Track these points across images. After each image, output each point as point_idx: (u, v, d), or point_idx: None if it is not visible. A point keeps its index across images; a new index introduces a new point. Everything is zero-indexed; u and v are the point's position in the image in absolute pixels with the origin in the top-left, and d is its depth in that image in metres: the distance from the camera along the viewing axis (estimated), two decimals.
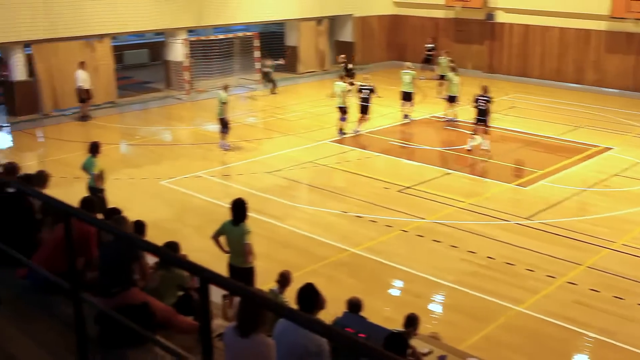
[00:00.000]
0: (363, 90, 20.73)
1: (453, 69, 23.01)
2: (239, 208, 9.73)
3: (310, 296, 6.47)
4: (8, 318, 5.86)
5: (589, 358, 10.05)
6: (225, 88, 18.97)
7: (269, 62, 27.45)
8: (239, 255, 9.86)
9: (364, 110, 20.74)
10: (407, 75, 22.58)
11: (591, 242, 13.48)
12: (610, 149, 19.94)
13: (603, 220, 14.64)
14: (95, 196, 11.56)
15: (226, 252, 10.04)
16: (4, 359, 5.32)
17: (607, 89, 28.21)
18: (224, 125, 18.87)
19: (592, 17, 28.16)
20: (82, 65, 22.38)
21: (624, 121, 23.38)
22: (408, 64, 23.89)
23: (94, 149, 13.07)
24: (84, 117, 22.67)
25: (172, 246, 8.47)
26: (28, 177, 8.45)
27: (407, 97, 22.74)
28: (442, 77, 25.60)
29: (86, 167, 13.08)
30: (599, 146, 20.14)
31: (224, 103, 18.68)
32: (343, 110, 20.47)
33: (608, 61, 28.39)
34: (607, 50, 28.38)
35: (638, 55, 27.61)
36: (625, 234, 13.85)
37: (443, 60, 26.13)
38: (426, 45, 31.42)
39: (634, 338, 10.23)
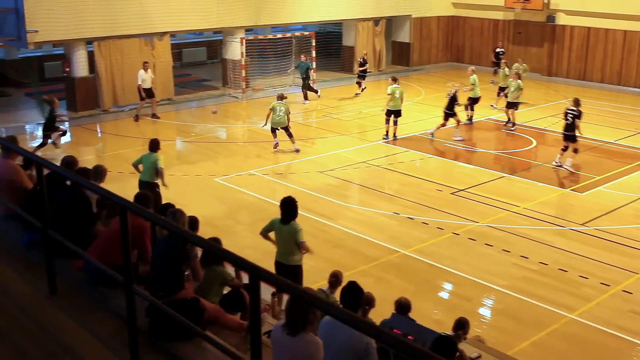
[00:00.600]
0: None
1: (518, 76, 22.28)
2: (289, 206, 9.70)
3: (354, 294, 6.51)
4: (63, 308, 6.02)
5: None
6: (281, 98, 18.87)
7: (303, 59, 25.96)
8: (287, 253, 9.86)
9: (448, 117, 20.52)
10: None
11: None
12: None
13: None
14: (152, 191, 11.77)
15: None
16: (59, 349, 5.47)
17: None
18: (288, 132, 18.91)
19: None
20: (144, 65, 22.69)
21: None
22: (472, 67, 23.46)
23: (154, 145, 13.24)
24: (137, 117, 22.87)
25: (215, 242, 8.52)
26: (86, 171, 8.63)
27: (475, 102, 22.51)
28: (502, 89, 25.14)
29: (146, 162, 13.16)
30: None
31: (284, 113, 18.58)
32: (398, 113, 20.25)
33: None
34: None
35: None
36: None
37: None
38: (496, 50, 29.97)
39: None
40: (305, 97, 25.75)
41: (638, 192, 16.43)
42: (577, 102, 17.93)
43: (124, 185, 14.44)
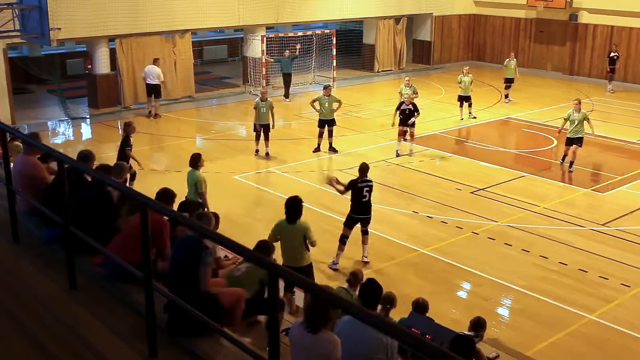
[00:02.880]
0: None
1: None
2: (294, 206, 9.58)
3: (373, 292, 6.52)
4: (83, 303, 6.07)
5: None
6: (326, 88, 18.81)
7: (287, 54, 25.59)
8: (296, 255, 9.69)
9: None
10: (467, 77, 22.25)
11: None
12: None
13: None
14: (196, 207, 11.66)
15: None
16: (79, 343, 5.53)
17: None
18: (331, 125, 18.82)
19: None
20: (155, 61, 22.73)
21: None
22: (467, 68, 23.29)
23: (194, 161, 12.38)
24: (150, 114, 22.87)
25: (266, 246, 8.51)
26: (107, 168, 8.70)
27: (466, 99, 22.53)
28: (509, 81, 25.12)
29: (189, 180, 12.40)
30: None
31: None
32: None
33: None
34: None
35: None
36: None
37: (511, 62, 25.39)
38: (610, 55, 28.27)
39: None
40: (286, 95, 25.80)
41: None
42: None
43: (142, 182, 14.55)
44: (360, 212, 12.32)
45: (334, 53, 27.89)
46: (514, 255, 12.93)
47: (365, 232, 12.52)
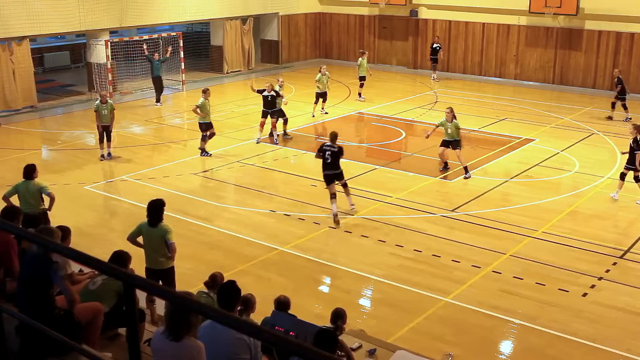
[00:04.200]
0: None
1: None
2: (155, 209, 9.64)
3: (230, 294, 6.52)
4: None
5: (513, 344, 10.33)
6: (205, 92, 18.76)
7: (157, 57, 25.23)
8: (157, 257, 9.75)
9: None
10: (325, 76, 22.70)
11: (514, 232, 13.85)
12: (532, 140, 20.51)
13: (525, 210, 15.05)
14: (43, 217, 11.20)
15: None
16: None
17: (527, 82, 29.04)
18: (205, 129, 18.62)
19: (512, 13, 28.91)
20: None
21: (544, 113, 24.07)
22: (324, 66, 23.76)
23: (30, 172, 11.65)
24: None
25: (122, 256, 8.25)
26: None
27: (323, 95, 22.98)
28: (362, 79, 25.72)
29: (25, 191, 11.57)
30: (520, 138, 20.70)
31: (199, 106, 18.41)
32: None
33: (528, 55, 29.18)
34: (527, 44, 29.16)
35: (556, 49, 28.45)
36: (545, 223, 14.28)
37: (363, 61, 26.01)
38: (433, 45, 30.16)
39: (555, 322, 10.57)
40: (158, 99, 25.46)
41: (503, 176, 17.22)
42: None
43: None
44: (328, 169, 14.36)
45: (182, 56, 27.51)
46: (370, 247, 13.27)
47: (344, 185, 14.65)
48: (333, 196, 14.32)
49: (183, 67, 27.77)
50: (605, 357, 9.79)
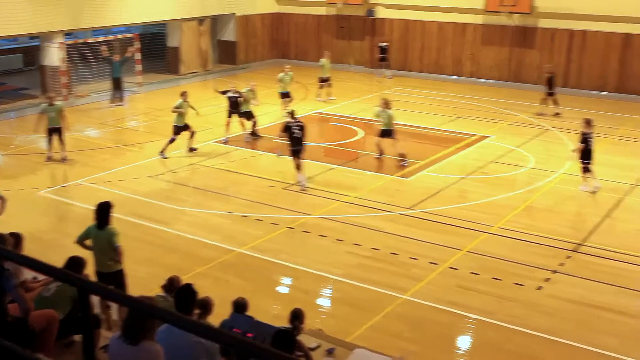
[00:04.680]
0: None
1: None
2: (103, 211, 9.60)
3: (185, 297, 6.47)
4: None
5: (471, 339, 10.41)
6: (183, 94, 18.72)
7: (117, 58, 25.18)
8: (106, 260, 9.69)
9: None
10: (287, 76, 22.72)
11: (470, 228, 13.98)
12: (487, 137, 20.72)
13: (481, 206, 15.19)
14: None
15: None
16: None
17: (483, 80, 29.34)
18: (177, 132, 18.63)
19: (468, 11, 29.18)
20: None
21: (500, 110, 24.35)
22: (288, 66, 23.77)
23: None
24: None
25: (77, 262, 8.14)
26: None
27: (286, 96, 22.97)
28: (323, 80, 25.72)
29: None
30: (476, 135, 20.90)
31: (178, 107, 18.54)
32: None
33: (484, 53, 29.48)
34: (482, 43, 29.46)
35: (511, 47, 28.80)
36: (501, 218, 14.43)
37: (326, 62, 26.01)
38: (380, 45, 30.68)
39: (512, 316, 10.68)
40: (119, 99, 25.29)
41: (459, 173, 17.37)
42: (590, 123, 16.24)
43: None
44: (296, 145, 16.08)
45: (139, 57, 27.22)
46: (328, 246, 13.27)
47: (301, 161, 16.21)
48: (298, 167, 16.13)
49: (139, 68, 27.46)
50: (561, 350, 9.92)
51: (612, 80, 26.92)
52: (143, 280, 11.42)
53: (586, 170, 16.04)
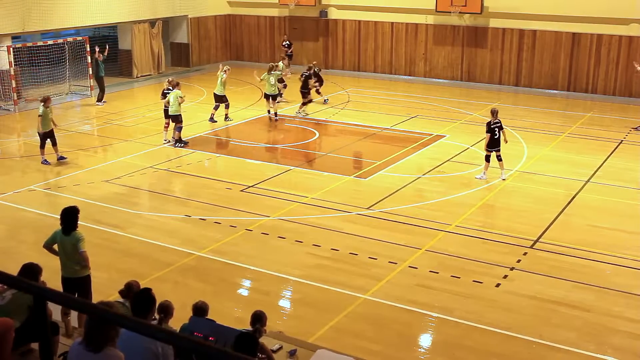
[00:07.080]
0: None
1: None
2: (69, 216, 9.48)
3: (142, 302, 6.43)
4: None
5: (431, 337, 10.50)
6: (45, 101, 18.12)
7: (101, 57, 25.23)
8: (73, 265, 9.59)
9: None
10: (272, 76, 22.63)
11: (428, 227, 14.09)
12: (443, 136, 20.92)
13: (438, 205, 15.34)
14: None
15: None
16: None
17: (436, 80, 29.65)
18: (43, 139, 18.20)
19: (420, 12, 29.46)
20: None
21: (454, 109, 24.61)
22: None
23: None
24: None
25: (32, 269, 8.00)
26: None
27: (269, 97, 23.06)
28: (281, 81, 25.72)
29: None
30: (432, 134, 21.09)
31: (40, 116, 17.94)
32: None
33: (436, 53, 29.79)
34: (435, 42, 29.76)
35: (463, 46, 29.16)
36: (458, 217, 14.59)
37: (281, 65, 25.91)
38: (283, 43, 31.07)
39: (470, 313, 10.80)
40: (100, 99, 25.33)
41: (416, 172, 17.51)
42: (496, 114, 17.32)
43: None
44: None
45: (90, 61, 26.85)
46: (288, 247, 13.25)
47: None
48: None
49: (91, 72, 27.09)
50: (519, 344, 10.06)
51: (562, 78, 27.45)
52: (101, 285, 11.23)
53: (488, 159, 16.86)
